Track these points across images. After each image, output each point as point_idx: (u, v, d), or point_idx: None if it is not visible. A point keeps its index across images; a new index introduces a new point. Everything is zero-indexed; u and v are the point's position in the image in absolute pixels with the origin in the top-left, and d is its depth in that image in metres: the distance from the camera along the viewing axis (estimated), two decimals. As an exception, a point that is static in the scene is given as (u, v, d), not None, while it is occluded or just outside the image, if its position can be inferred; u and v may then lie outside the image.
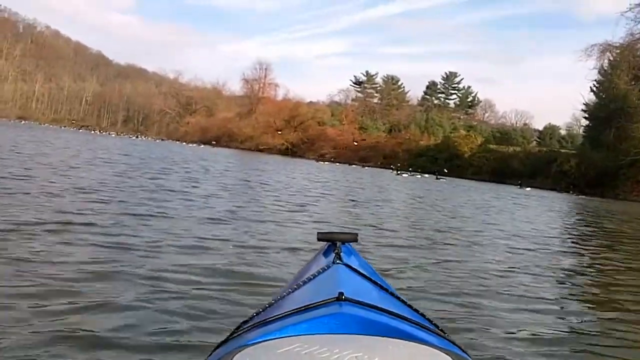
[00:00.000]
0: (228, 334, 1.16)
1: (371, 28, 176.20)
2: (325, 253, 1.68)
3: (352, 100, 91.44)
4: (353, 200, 13.84)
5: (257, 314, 1.22)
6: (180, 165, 19.88)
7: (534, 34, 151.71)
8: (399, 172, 43.98)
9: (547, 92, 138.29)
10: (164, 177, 13.21)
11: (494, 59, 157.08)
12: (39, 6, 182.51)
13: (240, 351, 0.97)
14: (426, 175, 47.49)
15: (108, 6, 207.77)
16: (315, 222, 8.35)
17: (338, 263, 1.48)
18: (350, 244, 1.76)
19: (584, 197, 40.17)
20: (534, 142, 72.71)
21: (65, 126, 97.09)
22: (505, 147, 63.62)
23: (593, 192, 45.22)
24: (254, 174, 20.83)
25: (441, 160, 62.60)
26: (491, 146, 64.43)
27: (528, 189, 41.03)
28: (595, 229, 14.34)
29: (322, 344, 0.95)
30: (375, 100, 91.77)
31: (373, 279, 1.42)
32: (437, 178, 41.97)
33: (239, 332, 1.13)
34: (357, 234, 1.78)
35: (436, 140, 70.39)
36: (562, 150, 60.26)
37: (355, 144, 73.77)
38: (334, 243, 1.67)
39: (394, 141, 72.94)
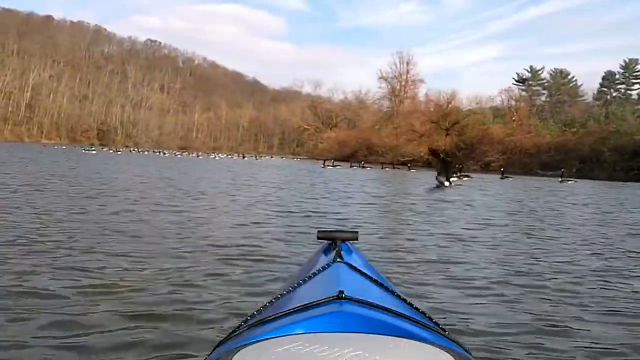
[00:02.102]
0: (228, 332, 1.14)
1: (526, 30, 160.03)
2: (325, 251, 1.68)
3: (516, 100, 72.27)
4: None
5: (257, 312, 1.22)
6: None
7: None
8: None
9: None
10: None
11: None
12: (197, 40, 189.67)
13: (240, 350, 0.96)
14: None
15: (260, 34, 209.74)
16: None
17: (338, 261, 1.47)
18: (351, 242, 1.73)
19: None
20: None
21: (219, 154, 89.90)
22: None
23: None
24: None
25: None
26: None
27: None
28: None
29: (322, 342, 0.93)
30: (543, 98, 77.46)
31: (374, 277, 1.40)
32: None
33: (239, 331, 1.12)
34: (357, 232, 1.76)
35: None
36: None
37: None
38: (334, 241, 1.66)
39: (591, 138, 50.29)
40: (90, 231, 5.59)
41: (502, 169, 36.93)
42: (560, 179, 31.69)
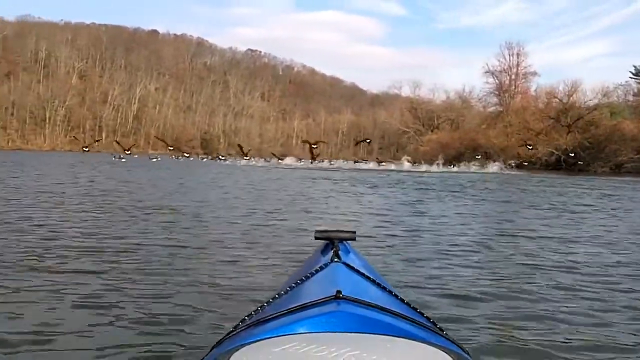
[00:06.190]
0: (225, 333, 1.15)
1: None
2: (323, 251, 1.67)
3: (634, 95, 62.68)
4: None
5: (255, 312, 1.22)
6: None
7: None
8: None
9: None
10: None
11: None
12: (296, 48, 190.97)
13: (237, 350, 0.97)
14: None
15: (359, 40, 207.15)
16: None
17: (336, 261, 1.47)
18: (349, 242, 1.72)
19: None
20: None
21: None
22: None
23: None
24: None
25: None
26: None
27: None
28: None
29: (319, 342, 0.94)
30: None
31: (371, 277, 1.40)
32: None
33: (237, 331, 1.12)
34: (355, 232, 1.74)
35: None
36: None
37: None
38: (332, 241, 1.65)
39: None
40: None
41: None
42: None
